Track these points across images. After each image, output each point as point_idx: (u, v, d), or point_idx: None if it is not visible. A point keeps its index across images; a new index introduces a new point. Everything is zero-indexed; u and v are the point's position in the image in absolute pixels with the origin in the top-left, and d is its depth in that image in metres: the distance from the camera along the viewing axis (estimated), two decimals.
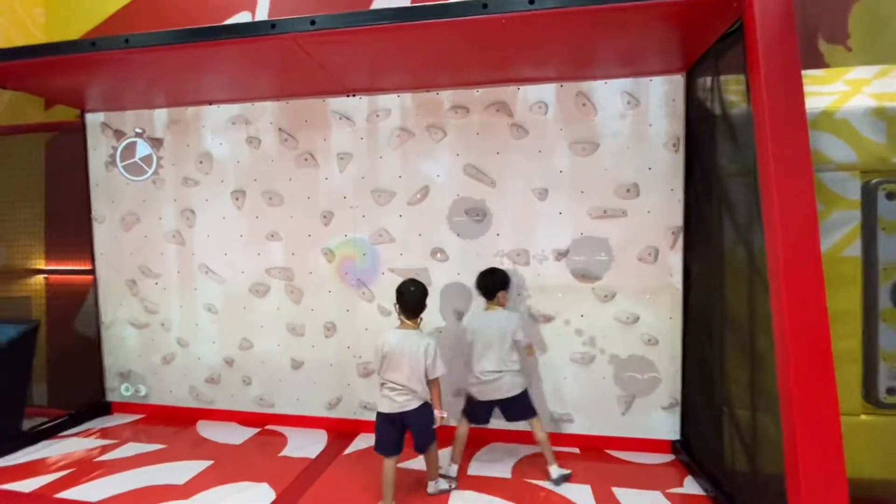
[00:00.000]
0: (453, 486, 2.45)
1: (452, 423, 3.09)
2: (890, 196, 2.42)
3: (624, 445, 2.87)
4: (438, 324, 3.04)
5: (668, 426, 2.85)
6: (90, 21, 3.81)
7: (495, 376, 2.49)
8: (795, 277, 1.74)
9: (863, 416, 2.42)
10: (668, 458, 2.80)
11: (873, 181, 2.44)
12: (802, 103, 1.84)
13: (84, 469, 2.67)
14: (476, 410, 2.59)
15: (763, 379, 2.01)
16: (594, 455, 2.82)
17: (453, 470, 2.51)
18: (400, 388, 2.25)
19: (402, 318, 2.36)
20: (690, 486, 2.48)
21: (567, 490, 2.42)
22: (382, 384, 2.31)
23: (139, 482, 2.52)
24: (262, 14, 3.53)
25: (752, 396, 2.14)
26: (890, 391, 2.41)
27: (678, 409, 2.83)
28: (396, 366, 2.26)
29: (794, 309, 1.72)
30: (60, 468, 2.68)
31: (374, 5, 3.38)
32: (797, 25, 1.95)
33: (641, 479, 2.54)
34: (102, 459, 2.80)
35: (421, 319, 2.39)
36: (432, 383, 2.31)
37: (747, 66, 1.95)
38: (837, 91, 2.59)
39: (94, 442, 3.06)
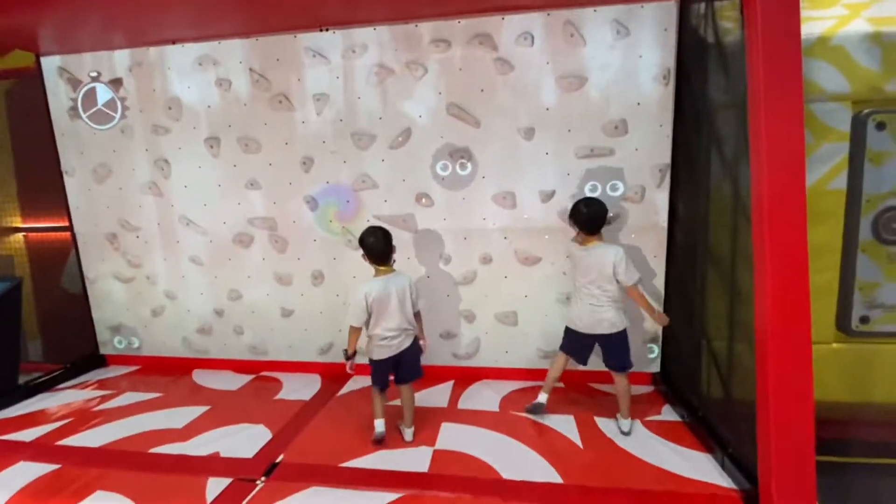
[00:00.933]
0: (540, 410, 2.56)
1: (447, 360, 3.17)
2: (880, 126, 2.38)
3: (607, 379, 2.93)
4: (422, 271, 3.05)
5: (649, 360, 2.96)
6: None
7: (594, 310, 2.42)
8: (778, 211, 1.73)
9: (834, 345, 2.52)
10: (649, 389, 2.93)
11: (864, 111, 2.38)
12: (798, 28, 1.74)
13: (83, 418, 2.74)
14: (574, 345, 2.53)
15: (741, 311, 2.06)
16: (579, 389, 2.94)
17: (543, 398, 2.58)
18: (394, 332, 2.30)
19: (375, 266, 2.35)
20: (668, 414, 2.61)
21: (551, 420, 2.55)
22: (371, 336, 2.33)
23: (139, 428, 2.60)
24: None
25: (730, 329, 2.21)
26: (863, 320, 2.49)
27: (659, 344, 2.93)
28: (387, 311, 2.28)
29: (775, 241, 1.73)
30: (60, 418, 2.75)
31: None
32: None
33: None
34: (101, 409, 2.87)
35: (394, 261, 2.39)
36: (417, 316, 2.40)
37: None
38: (836, 16, 2.46)
39: (91, 393, 3.12)
